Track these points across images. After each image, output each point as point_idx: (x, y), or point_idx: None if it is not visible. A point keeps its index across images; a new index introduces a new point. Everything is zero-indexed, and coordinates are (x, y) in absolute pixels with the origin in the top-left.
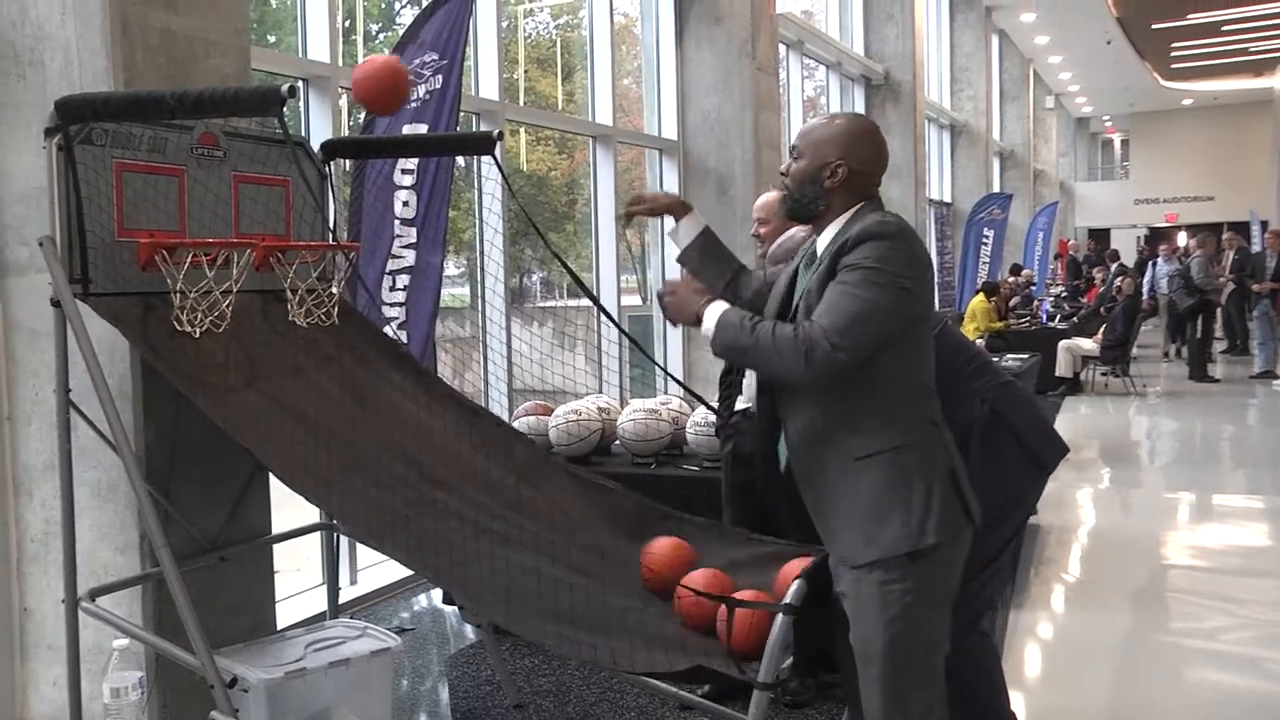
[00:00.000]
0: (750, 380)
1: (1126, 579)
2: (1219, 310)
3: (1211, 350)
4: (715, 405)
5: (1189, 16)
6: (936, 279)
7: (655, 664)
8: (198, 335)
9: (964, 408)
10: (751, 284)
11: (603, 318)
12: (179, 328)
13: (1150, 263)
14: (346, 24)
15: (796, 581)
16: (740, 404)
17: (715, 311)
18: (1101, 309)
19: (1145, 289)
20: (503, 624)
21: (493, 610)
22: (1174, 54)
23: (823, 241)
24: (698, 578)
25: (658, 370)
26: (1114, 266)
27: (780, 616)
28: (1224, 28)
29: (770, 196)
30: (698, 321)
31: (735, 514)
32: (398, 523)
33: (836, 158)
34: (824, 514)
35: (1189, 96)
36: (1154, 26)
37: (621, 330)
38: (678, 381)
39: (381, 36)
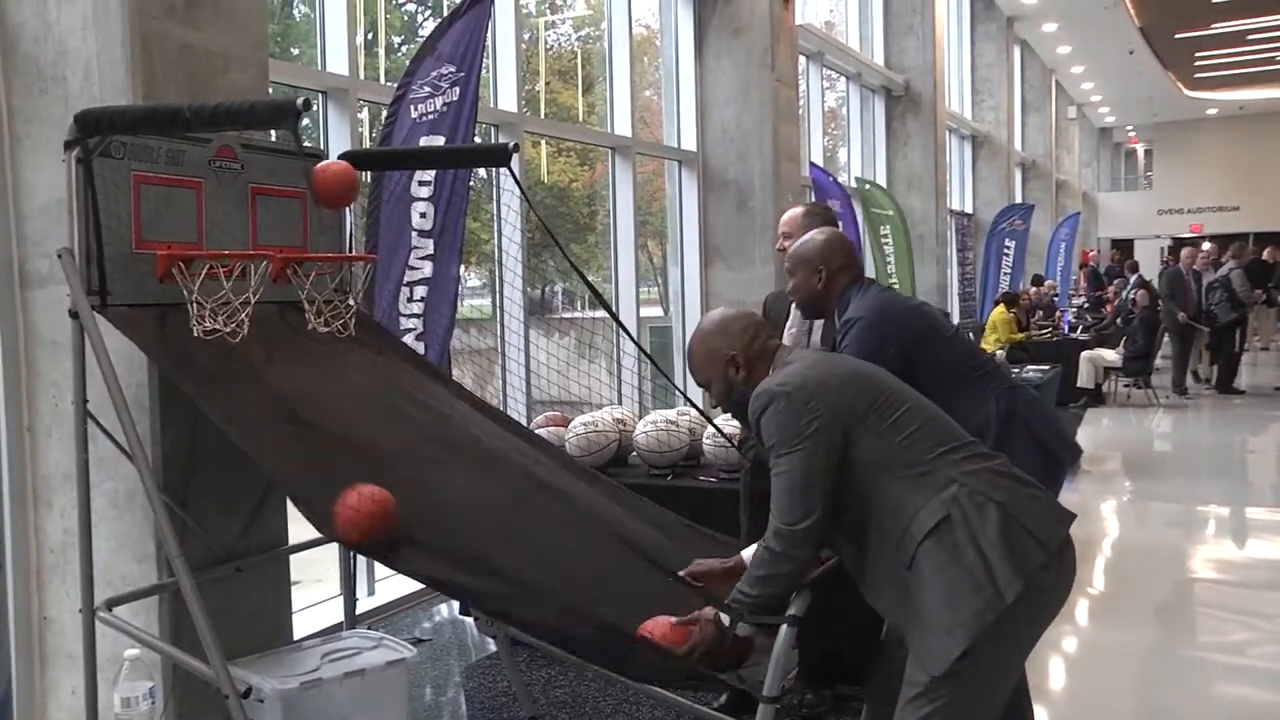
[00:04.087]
0: None
1: (1150, 592)
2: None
3: (1198, 367)
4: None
5: (1213, 26)
6: (958, 290)
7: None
8: (214, 346)
9: (977, 409)
10: None
11: (621, 333)
12: (195, 337)
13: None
14: (369, 36)
15: (801, 592)
16: None
17: (727, 615)
18: (1118, 320)
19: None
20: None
21: (506, 615)
22: (1198, 63)
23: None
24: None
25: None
26: (1133, 278)
27: (784, 627)
28: (1249, 37)
29: (795, 211)
30: (723, 628)
31: (752, 521)
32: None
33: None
34: (903, 627)
35: (1213, 106)
36: (1177, 36)
37: (640, 348)
38: (689, 401)
39: (404, 49)
